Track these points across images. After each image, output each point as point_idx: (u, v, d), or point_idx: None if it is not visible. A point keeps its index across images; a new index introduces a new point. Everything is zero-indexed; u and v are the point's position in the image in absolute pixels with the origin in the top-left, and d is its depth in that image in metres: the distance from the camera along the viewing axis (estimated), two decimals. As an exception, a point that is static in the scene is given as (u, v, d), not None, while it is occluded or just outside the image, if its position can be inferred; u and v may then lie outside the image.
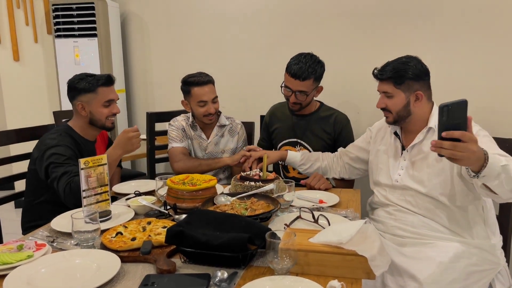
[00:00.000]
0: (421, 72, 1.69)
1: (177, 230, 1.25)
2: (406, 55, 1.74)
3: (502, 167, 1.34)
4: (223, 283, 1.12)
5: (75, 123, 2.02)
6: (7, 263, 1.20)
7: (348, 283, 1.13)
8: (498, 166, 1.34)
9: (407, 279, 1.54)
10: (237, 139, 2.38)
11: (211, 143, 2.34)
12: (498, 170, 1.34)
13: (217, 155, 2.35)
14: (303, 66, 2.07)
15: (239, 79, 3.31)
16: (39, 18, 3.73)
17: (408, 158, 1.76)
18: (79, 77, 1.98)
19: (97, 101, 1.96)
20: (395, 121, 1.75)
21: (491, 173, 1.33)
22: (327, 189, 1.96)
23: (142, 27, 3.58)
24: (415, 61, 1.71)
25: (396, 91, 1.70)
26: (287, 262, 1.14)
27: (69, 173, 1.77)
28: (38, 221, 1.81)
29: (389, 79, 1.70)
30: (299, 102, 2.15)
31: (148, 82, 3.65)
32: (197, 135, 2.34)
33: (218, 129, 2.36)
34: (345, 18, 2.94)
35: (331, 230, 1.27)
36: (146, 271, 1.22)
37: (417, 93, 1.69)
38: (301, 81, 2.08)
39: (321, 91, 2.23)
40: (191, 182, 1.72)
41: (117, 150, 1.89)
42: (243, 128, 2.44)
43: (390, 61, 1.74)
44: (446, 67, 2.71)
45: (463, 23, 2.67)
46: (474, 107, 2.59)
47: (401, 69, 1.68)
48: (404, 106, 1.71)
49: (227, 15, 3.27)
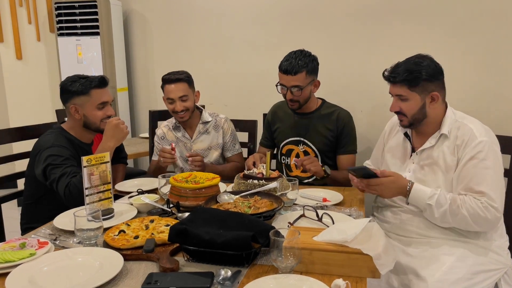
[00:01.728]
0: (435, 71, 1.62)
1: (180, 228, 1.24)
2: (417, 54, 1.66)
3: (427, 205, 1.56)
4: (227, 281, 1.11)
5: (69, 125, 1.99)
6: (9, 261, 1.20)
7: (353, 282, 1.12)
8: (424, 202, 1.56)
9: (412, 278, 1.53)
10: (222, 133, 2.39)
11: (195, 141, 2.37)
12: (424, 205, 1.57)
13: (203, 152, 2.36)
14: (293, 61, 2.08)
15: (242, 77, 3.30)
16: (41, 17, 3.73)
17: (417, 162, 1.71)
18: (72, 79, 1.93)
19: (91, 103, 1.92)
20: (410, 124, 1.68)
21: (417, 203, 1.59)
22: (316, 174, 2.00)
23: (145, 25, 3.57)
24: (428, 60, 1.63)
25: (411, 94, 1.62)
26: (291, 260, 1.13)
27: (67, 174, 1.75)
28: (36, 224, 1.81)
29: (403, 81, 1.61)
30: (296, 99, 2.14)
31: (150, 81, 3.65)
32: (181, 136, 2.37)
33: (202, 126, 2.37)
34: (349, 16, 2.92)
35: (336, 228, 1.25)
36: (149, 270, 1.21)
37: (433, 94, 1.62)
38: (293, 76, 2.08)
39: (319, 85, 2.21)
40: (194, 180, 1.72)
41: (109, 142, 1.85)
42: (229, 122, 2.43)
43: (400, 61, 1.66)
44: (448, 65, 2.69)
45: (464, 22, 2.66)
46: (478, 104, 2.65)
47: (414, 70, 1.60)
48: (420, 109, 1.63)
49: (230, 14, 3.26)
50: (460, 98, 2.68)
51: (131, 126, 3.76)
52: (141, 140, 3.33)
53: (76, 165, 1.80)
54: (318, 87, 2.21)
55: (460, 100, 2.65)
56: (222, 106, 3.33)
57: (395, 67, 1.66)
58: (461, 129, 1.61)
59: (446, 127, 1.64)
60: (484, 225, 1.53)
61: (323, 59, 2.21)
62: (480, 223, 1.51)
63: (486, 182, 1.52)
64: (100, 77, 1.96)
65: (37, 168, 1.83)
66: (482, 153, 1.54)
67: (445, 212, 1.52)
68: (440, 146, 1.65)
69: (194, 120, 2.37)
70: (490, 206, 1.49)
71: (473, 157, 1.55)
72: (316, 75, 2.17)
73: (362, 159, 2.17)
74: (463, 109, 1.75)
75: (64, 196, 1.73)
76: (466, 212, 1.49)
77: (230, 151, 2.41)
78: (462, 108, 1.76)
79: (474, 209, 1.49)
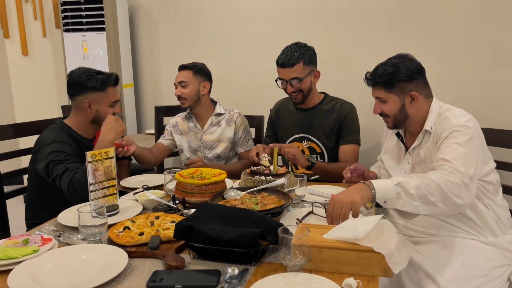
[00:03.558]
0: (412, 71, 1.60)
1: (186, 224, 1.21)
2: (397, 55, 1.65)
3: (395, 186, 1.34)
4: (234, 280, 1.08)
5: (73, 120, 1.97)
6: (12, 258, 1.18)
7: (365, 281, 1.09)
8: (391, 187, 1.35)
9: (422, 276, 1.50)
10: (234, 128, 2.39)
11: (205, 132, 2.38)
12: (393, 191, 1.35)
13: (212, 144, 2.39)
14: (288, 54, 2.09)
15: (248, 73, 3.28)
16: (47, 13, 3.72)
17: (410, 162, 1.70)
18: (88, 73, 1.92)
19: (106, 101, 1.93)
20: (395, 125, 1.68)
21: (388, 196, 1.35)
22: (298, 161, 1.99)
23: (150, 21, 3.55)
24: (406, 60, 1.61)
25: (388, 96, 1.62)
26: (300, 258, 1.09)
27: (70, 170, 1.74)
28: (40, 219, 1.79)
29: (379, 84, 1.62)
30: (296, 90, 2.13)
31: (156, 76, 3.63)
32: (192, 126, 2.41)
33: (214, 118, 2.40)
34: (354, 13, 2.90)
35: (346, 225, 1.22)
36: (154, 267, 1.18)
37: (412, 94, 1.60)
38: (291, 68, 2.08)
39: (319, 75, 2.20)
40: (200, 176, 1.69)
41: (108, 136, 1.83)
42: (242, 117, 2.43)
43: (380, 63, 1.66)
44: (451, 62, 2.70)
45: (467, 19, 2.64)
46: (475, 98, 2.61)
47: (390, 72, 1.59)
48: (399, 110, 1.62)
49: (236, 10, 3.24)
50: (466, 94, 2.66)
51: (137, 122, 3.75)
52: (147, 136, 3.32)
53: (79, 161, 1.79)
54: (318, 77, 2.20)
55: (464, 95, 2.63)
56: (229, 102, 3.30)
57: (374, 70, 1.66)
58: (442, 121, 1.59)
59: (429, 122, 1.61)
60: (459, 192, 1.37)
61: (328, 54, 2.20)
62: (455, 191, 1.37)
63: (453, 153, 1.45)
64: (115, 75, 1.97)
65: (39, 164, 1.81)
66: (455, 133, 1.50)
67: (419, 186, 1.35)
68: (426, 143, 1.62)
69: (207, 112, 2.40)
70: (455, 171, 1.39)
71: (446, 137, 1.51)
72: (315, 66, 2.16)
73: (372, 155, 2.13)
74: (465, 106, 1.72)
75: (68, 192, 1.71)
76: (436, 178, 1.37)
77: (243, 147, 2.41)
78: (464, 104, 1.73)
79: (441, 176, 1.38)
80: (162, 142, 2.45)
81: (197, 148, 2.40)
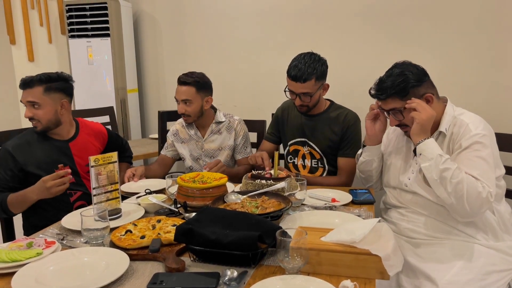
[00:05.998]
0: (419, 75, 1.60)
1: (186, 228, 1.23)
2: (395, 64, 1.65)
3: (438, 156, 1.48)
4: (233, 282, 1.10)
5: None
6: (16, 261, 1.20)
7: (361, 283, 1.10)
8: (435, 153, 1.49)
9: (422, 280, 1.50)
10: (235, 135, 2.37)
11: (206, 140, 2.37)
12: (433, 155, 1.49)
13: (214, 152, 2.37)
14: (302, 68, 2.01)
15: (251, 77, 3.29)
16: (53, 19, 3.77)
17: (419, 162, 1.68)
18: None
19: None
20: None
21: (426, 152, 1.51)
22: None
23: (155, 26, 3.58)
24: (408, 67, 1.62)
25: (406, 104, 1.60)
26: (298, 261, 1.11)
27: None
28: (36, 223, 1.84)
29: (393, 95, 1.60)
30: (305, 104, 2.11)
31: (160, 81, 3.66)
32: (193, 134, 2.38)
33: (214, 125, 2.37)
34: (358, 16, 2.90)
35: (344, 228, 1.23)
36: (155, 270, 1.20)
37: (426, 96, 1.60)
38: (302, 83, 2.02)
39: (328, 88, 2.17)
40: (202, 180, 1.71)
41: (32, 195, 1.78)
42: (242, 124, 2.41)
43: (382, 77, 1.65)
44: (458, 63, 2.69)
45: (475, 19, 2.62)
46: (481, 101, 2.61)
47: (400, 81, 1.58)
48: None
49: (239, 14, 3.25)
50: (471, 95, 2.66)
51: (141, 127, 3.77)
52: (151, 141, 3.34)
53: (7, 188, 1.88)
54: (327, 90, 2.17)
55: (469, 97, 2.63)
56: (232, 107, 3.32)
57: (379, 84, 1.64)
58: (457, 125, 1.60)
59: (444, 124, 1.62)
60: (475, 201, 1.44)
61: (332, 59, 2.18)
62: (473, 197, 1.43)
63: (480, 170, 1.48)
64: (23, 78, 2.12)
65: None
66: (477, 145, 1.52)
67: (449, 169, 1.45)
68: (439, 144, 1.61)
69: (207, 120, 2.36)
70: (488, 187, 1.45)
71: (467, 147, 1.53)
72: (325, 79, 2.13)
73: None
74: (471, 106, 1.72)
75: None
76: (466, 179, 1.44)
77: (240, 154, 2.40)
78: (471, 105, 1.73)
79: (473, 182, 1.45)
80: (165, 154, 2.45)
81: (199, 156, 2.38)
